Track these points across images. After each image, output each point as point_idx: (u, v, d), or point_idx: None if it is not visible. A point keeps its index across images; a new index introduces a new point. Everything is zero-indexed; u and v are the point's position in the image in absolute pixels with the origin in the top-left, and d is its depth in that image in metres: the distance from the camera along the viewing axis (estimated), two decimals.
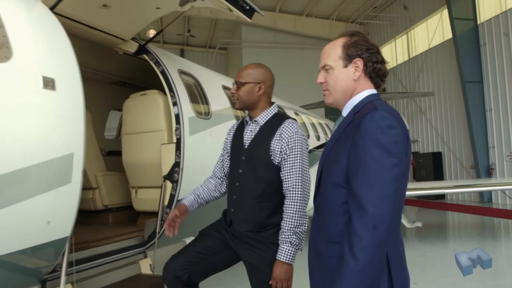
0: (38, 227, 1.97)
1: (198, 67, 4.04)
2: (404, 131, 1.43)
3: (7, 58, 1.78)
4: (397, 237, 1.49)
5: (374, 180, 1.34)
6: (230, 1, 2.37)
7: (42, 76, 1.88)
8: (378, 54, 1.59)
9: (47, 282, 2.28)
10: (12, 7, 1.98)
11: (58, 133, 1.96)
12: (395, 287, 1.40)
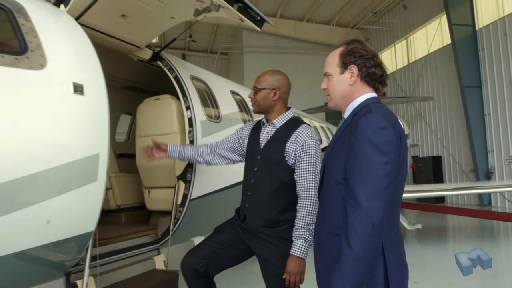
0: (64, 223, 2.12)
1: (207, 73, 4.22)
2: (396, 132, 1.55)
3: (42, 66, 1.94)
4: (394, 231, 1.62)
5: (367, 177, 1.47)
6: (242, 12, 2.54)
7: (72, 82, 2.05)
8: (372, 60, 1.71)
9: (71, 275, 2.43)
10: (44, 19, 2.15)
11: (86, 134, 2.12)
12: (391, 278, 1.52)
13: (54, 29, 2.15)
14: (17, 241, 1.95)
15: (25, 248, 1.99)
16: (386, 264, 1.52)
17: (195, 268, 2.34)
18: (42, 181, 1.91)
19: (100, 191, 2.20)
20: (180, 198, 3.11)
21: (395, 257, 1.56)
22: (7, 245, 1.90)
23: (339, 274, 1.45)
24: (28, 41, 1.95)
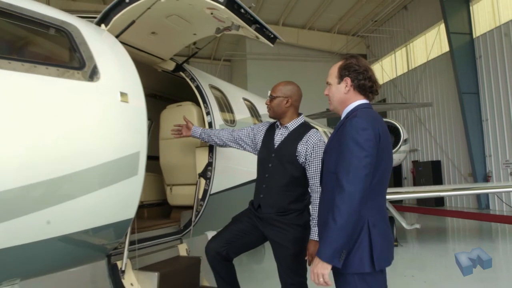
0: (110, 210, 2.51)
1: (223, 82, 4.63)
2: (376, 132, 1.92)
3: (97, 79, 2.33)
4: (379, 211, 1.99)
5: (350, 167, 1.85)
6: (258, 31, 2.94)
7: (119, 91, 2.45)
8: (363, 73, 2.10)
9: (111, 257, 2.81)
10: (94, 38, 2.55)
11: (130, 135, 2.50)
12: (374, 249, 1.89)
13: (102, 47, 2.55)
14: (72, 224, 2.33)
15: (78, 230, 2.37)
16: (371, 237, 1.90)
17: (218, 251, 2.73)
18: (94, 175, 2.30)
19: (139, 183, 2.58)
20: (201, 193, 3.49)
21: (379, 232, 1.93)
22: (63, 228, 2.28)
23: (325, 241, 1.85)
24: (85, 58, 2.35)
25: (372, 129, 1.91)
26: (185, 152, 3.79)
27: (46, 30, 2.33)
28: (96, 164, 2.29)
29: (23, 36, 2.39)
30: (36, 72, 2.05)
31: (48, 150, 2.06)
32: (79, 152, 2.21)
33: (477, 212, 13.75)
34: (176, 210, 4.02)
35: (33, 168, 2.00)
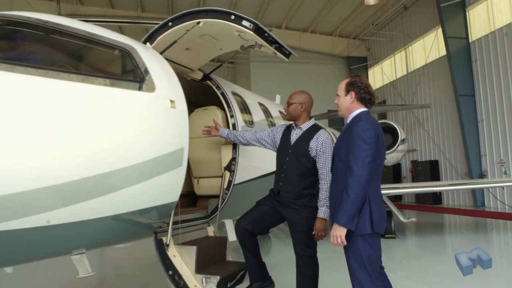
0: (161, 194, 3.13)
1: (241, 89, 5.25)
2: (375, 132, 2.59)
3: (154, 90, 2.95)
4: (376, 190, 2.66)
5: (358, 157, 2.52)
6: (276, 49, 3.57)
7: (169, 99, 3.07)
8: (364, 89, 2.79)
9: (157, 234, 3.44)
10: (147, 55, 3.17)
11: (177, 134, 3.11)
12: (373, 217, 2.56)
13: (153, 63, 3.16)
14: (132, 205, 2.94)
15: (136, 209, 2.98)
16: (371, 209, 2.56)
17: (246, 228, 3.36)
18: (151, 166, 2.91)
19: (183, 173, 3.20)
20: (226, 183, 4.11)
21: (377, 206, 2.62)
22: (125, 206, 2.89)
23: (341, 211, 2.51)
24: (143, 72, 2.97)
25: (373, 130, 2.59)
26: (211, 149, 4.42)
27: (112, 50, 2.96)
28: (153, 157, 2.90)
29: (102, 57, 3.02)
30: (114, 86, 2.68)
31: (119, 145, 2.68)
32: (140, 148, 2.83)
33: (473, 209, 14.36)
34: (201, 199, 4.66)
35: (109, 159, 2.61)
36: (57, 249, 2.78)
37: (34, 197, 2.22)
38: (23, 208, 2.19)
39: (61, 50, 2.82)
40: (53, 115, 2.32)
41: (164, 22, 3.56)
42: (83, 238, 2.83)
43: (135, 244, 3.69)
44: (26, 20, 2.63)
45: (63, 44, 2.77)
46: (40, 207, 2.30)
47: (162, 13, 20.96)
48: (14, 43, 2.64)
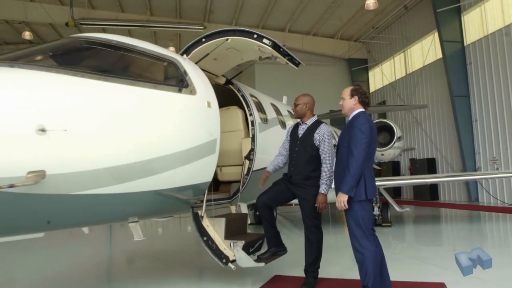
0: (200, 174, 3.97)
1: (257, 92, 6.11)
2: (370, 126, 3.45)
3: (195, 93, 3.80)
4: (369, 168, 3.51)
5: (357, 143, 3.39)
6: (288, 60, 4.41)
7: (206, 101, 3.92)
8: (364, 94, 3.69)
9: (194, 208, 4.29)
10: (187, 65, 4.01)
11: (212, 128, 3.95)
12: (367, 188, 3.41)
13: (193, 71, 4.00)
14: (177, 182, 3.78)
15: (180, 186, 3.82)
16: (365, 182, 3.41)
17: (265, 202, 4.22)
18: (194, 152, 3.76)
19: (216, 158, 4.04)
20: (246, 170, 4.95)
21: (370, 180, 3.47)
22: (168, 183, 3.71)
23: (344, 182, 3.37)
24: (187, 79, 3.82)
25: (369, 124, 3.49)
26: (233, 142, 5.27)
27: (166, 62, 3.83)
28: (194, 145, 3.76)
29: (156, 67, 3.88)
30: (167, 90, 3.54)
31: (172, 136, 3.53)
32: (186, 138, 3.68)
33: (467, 204, 15.18)
34: (223, 185, 5.51)
35: (165, 146, 3.46)
36: (120, 215, 3.63)
37: (117, 172, 3.07)
38: (111, 177, 3.03)
39: (129, 63, 3.68)
40: (129, 112, 3.17)
41: (198, 39, 4.42)
42: (137, 208, 3.67)
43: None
44: (103, 40, 3.49)
45: (130, 58, 3.63)
46: (116, 179, 3.12)
47: (170, 17, 21.88)
48: (95, 59, 3.50)
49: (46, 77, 2.75)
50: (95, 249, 8.00)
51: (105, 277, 5.65)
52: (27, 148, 2.37)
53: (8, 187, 2.24)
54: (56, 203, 2.63)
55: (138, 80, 3.42)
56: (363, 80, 24.48)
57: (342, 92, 3.77)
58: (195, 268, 5.91)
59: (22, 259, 6.79)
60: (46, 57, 3.24)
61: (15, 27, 24.10)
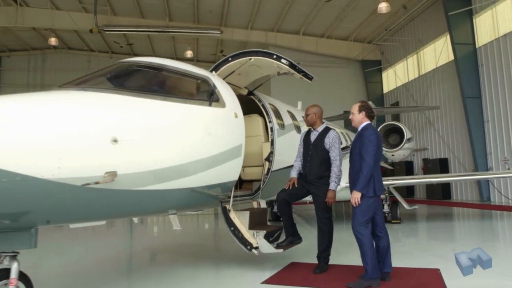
0: (228, 174, 4.69)
1: (275, 100, 6.82)
2: (377, 136, 4.19)
3: (225, 106, 4.53)
4: (377, 170, 4.19)
5: (367, 151, 4.12)
6: (303, 75, 5.13)
7: (234, 112, 4.65)
8: (370, 109, 4.39)
9: (222, 203, 5.02)
10: (217, 81, 4.73)
11: (239, 135, 4.66)
12: (376, 186, 4.11)
13: (222, 86, 4.73)
14: (210, 181, 4.51)
15: (212, 183, 4.55)
16: (374, 182, 4.10)
17: (285, 198, 4.92)
18: (224, 155, 4.49)
19: (241, 161, 4.75)
20: (266, 170, 5.66)
21: (378, 180, 4.16)
22: (202, 182, 4.44)
23: (358, 183, 4.07)
24: (217, 94, 4.54)
25: (376, 135, 4.26)
26: (254, 145, 5.98)
27: (199, 80, 4.58)
28: (225, 150, 4.49)
29: (192, 84, 4.63)
30: (201, 105, 4.29)
31: (208, 142, 4.26)
32: (218, 145, 4.41)
33: (479, 203, 15.53)
34: (246, 183, 6.24)
35: (202, 150, 4.18)
36: (161, 207, 4.37)
37: (163, 172, 3.80)
38: (161, 177, 3.77)
39: (171, 82, 4.43)
40: (173, 124, 3.91)
41: (225, 58, 5.16)
42: (176, 202, 4.40)
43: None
44: (148, 64, 4.26)
45: (172, 78, 4.38)
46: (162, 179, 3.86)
47: (188, 22, 22.76)
48: (145, 80, 4.27)
49: (113, 97, 3.50)
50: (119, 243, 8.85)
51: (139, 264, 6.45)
52: (105, 154, 3.13)
53: (94, 183, 3.01)
54: (123, 196, 3.38)
55: (180, 97, 4.17)
56: (377, 81, 24.89)
57: (351, 107, 4.46)
58: (222, 256, 6.68)
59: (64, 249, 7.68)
60: (107, 81, 4.02)
61: (42, 34, 25.43)
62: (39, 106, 3.02)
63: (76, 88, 3.59)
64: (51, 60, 28.89)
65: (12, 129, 2.71)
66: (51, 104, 3.10)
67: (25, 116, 2.82)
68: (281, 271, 5.00)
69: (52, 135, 2.87)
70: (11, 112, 2.80)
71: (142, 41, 25.93)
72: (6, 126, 2.70)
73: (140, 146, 3.47)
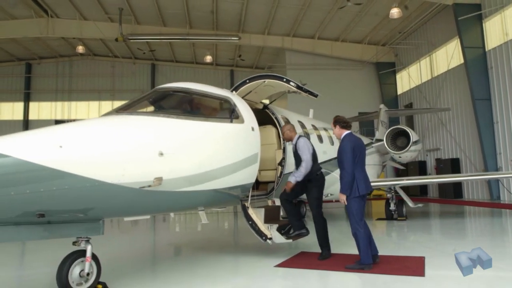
0: (246, 177, 5.68)
1: (287, 112, 7.77)
2: (352, 144, 5.12)
3: (243, 121, 5.51)
4: (360, 172, 5.09)
5: (345, 161, 5.06)
6: (309, 94, 6.07)
7: (251, 126, 5.62)
8: (341, 121, 5.34)
9: (242, 201, 6.01)
10: (237, 100, 5.72)
11: (255, 145, 5.63)
12: (359, 187, 5.02)
13: (241, 105, 5.71)
14: (232, 183, 5.50)
15: (233, 185, 5.54)
16: (357, 184, 5.00)
17: (286, 198, 5.90)
18: (243, 162, 5.47)
19: (257, 166, 5.69)
20: (279, 173, 6.63)
21: (362, 181, 5.05)
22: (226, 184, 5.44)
23: (341, 186, 5.02)
24: (237, 112, 5.53)
25: (350, 144, 5.12)
26: (269, 152, 6.96)
27: (222, 100, 5.59)
28: (244, 158, 5.47)
29: (216, 104, 5.64)
30: (225, 122, 5.29)
31: (231, 152, 5.26)
32: (238, 154, 5.40)
33: (489, 202, 16.05)
34: (262, 184, 7.23)
35: (225, 158, 5.18)
36: (193, 204, 5.40)
37: (195, 177, 4.82)
38: (193, 181, 4.79)
39: (199, 103, 5.46)
40: (201, 139, 4.92)
41: (244, 80, 6.16)
42: (204, 200, 5.41)
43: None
44: (180, 89, 5.29)
45: (200, 100, 5.41)
46: (194, 182, 4.88)
47: (207, 29, 23.90)
48: (179, 102, 5.31)
49: (157, 119, 4.55)
50: (152, 237, 9.98)
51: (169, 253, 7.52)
52: (155, 164, 4.15)
53: (147, 186, 4.05)
54: (166, 196, 4.40)
55: (207, 116, 5.20)
56: (391, 82, 25.43)
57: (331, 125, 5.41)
58: (241, 246, 7.70)
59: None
60: (150, 105, 5.09)
61: (69, 42, 27.09)
62: (106, 129, 4.09)
63: (129, 113, 4.65)
64: (78, 66, 30.63)
65: (91, 148, 3.77)
66: (115, 127, 4.17)
67: (100, 137, 3.90)
68: (291, 258, 5.96)
69: (118, 151, 3.93)
70: (89, 134, 3.88)
71: (164, 47, 27.25)
72: (87, 145, 3.77)
73: (178, 157, 4.49)
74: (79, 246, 4.15)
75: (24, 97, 29.76)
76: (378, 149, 13.48)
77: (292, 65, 25.21)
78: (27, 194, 3.32)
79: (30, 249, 7.63)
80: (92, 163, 3.71)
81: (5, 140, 3.36)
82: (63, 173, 3.45)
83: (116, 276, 4.92)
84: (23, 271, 6.10)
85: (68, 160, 3.51)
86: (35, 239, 3.98)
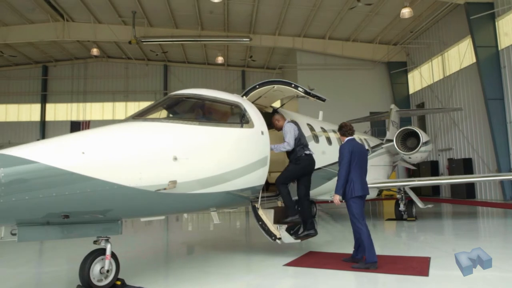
0: (257, 180, 5.90)
1: (296, 115, 7.97)
2: (350, 148, 5.46)
3: (254, 126, 5.73)
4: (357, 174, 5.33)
5: (341, 164, 5.40)
6: (316, 98, 6.27)
7: (261, 130, 5.85)
8: (344, 128, 5.66)
9: (252, 202, 6.24)
10: (247, 105, 5.94)
11: (265, 148, 5.84)
12: (355, 188, 5.25)
13: (251, 109, 5.93)
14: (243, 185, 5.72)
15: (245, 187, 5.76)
16: (353, 185, 5.24)
17: (282, 182, 6.13)
18: (254, 165, 5.70)
19: (267, 169, 5.91)
20: None
21: (359, 182, 5.29)
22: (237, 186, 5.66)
23: (336, 185, 5.27)
24: (247, 117, 5.75)
25: (348, 149, 5.45)
26: (278, 154, 7.14)
27: (233, 106, 5.83)
28: (254, 161, 5.69)
29: (227, 110, 5.88)
30: (235, 127, 5.52)
31: (242, 155, 5.48)
32: (249, 157, 5.62)
33: (502, 202, 15.95)
34: (272, 186, 7.44)
35: (237, 161, 5.40)
36: (206, 205, 5.64)
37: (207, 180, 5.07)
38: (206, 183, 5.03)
39: (211, 109, 5.71)
40: (214, 143, 5.15)
41: (253, 86, 6.37)
42: (216, 202, 5.65)
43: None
44: (193, 96, 5.54)
45: (212, 105, 5.65)
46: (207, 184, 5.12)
47: (218, 30, 24.19)
48: (192, 108, 5.56)
49: (172, 125, 4.80)
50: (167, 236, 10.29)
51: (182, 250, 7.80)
52: (169, 168, 4.41)
53: (163, 189, 4.31)
54: (180, 198, 4.65)
55: (218, 121, 5.45)
56: (403, 82, 25.32)
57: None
58: (252, 246, 7.93)
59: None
60: (164, 111, 5.36)
61: (84, 45, 27.71)
62: (124, 135, 4.37)
63: (145, 120, 4.92)
64: (92, 68, 31.31)
65: (110, 153, 4.05)
66: (132, 134, 4.44)
67: (118, 144, 4.17)
68: (300, 257, 6.16)
69: (136, 156, 4.20)
70: (109, 141, 4.16)
71: (176, 49, 27.66)
72: (107, 151, 4.04)
73: (191, 161, 4.74)
74: (100, 244, 4.43)
75: (41, 98, 30.54)
76: (388, 150, 13.53)
77: (303, 66, 25.33)
78: (54, 197, 3.61)
79: (49, 247, 8.00)
80: (111, 167, 3.99)
81: (33, 147, 3.65)
82: (86, 177, 3.73)
83: (133, 273, 5.20)
84: (46, 268, 6.45)
85: (90, 165, 3.79)
86: (59, 238, 4.26)
